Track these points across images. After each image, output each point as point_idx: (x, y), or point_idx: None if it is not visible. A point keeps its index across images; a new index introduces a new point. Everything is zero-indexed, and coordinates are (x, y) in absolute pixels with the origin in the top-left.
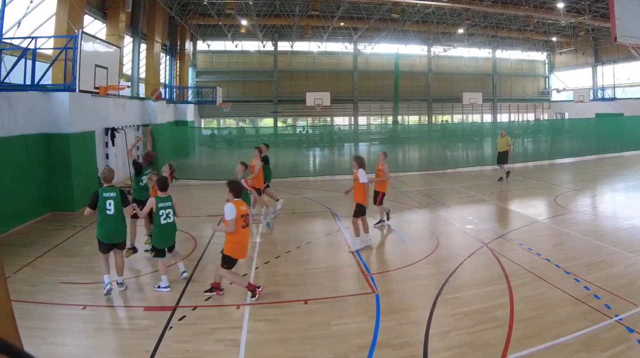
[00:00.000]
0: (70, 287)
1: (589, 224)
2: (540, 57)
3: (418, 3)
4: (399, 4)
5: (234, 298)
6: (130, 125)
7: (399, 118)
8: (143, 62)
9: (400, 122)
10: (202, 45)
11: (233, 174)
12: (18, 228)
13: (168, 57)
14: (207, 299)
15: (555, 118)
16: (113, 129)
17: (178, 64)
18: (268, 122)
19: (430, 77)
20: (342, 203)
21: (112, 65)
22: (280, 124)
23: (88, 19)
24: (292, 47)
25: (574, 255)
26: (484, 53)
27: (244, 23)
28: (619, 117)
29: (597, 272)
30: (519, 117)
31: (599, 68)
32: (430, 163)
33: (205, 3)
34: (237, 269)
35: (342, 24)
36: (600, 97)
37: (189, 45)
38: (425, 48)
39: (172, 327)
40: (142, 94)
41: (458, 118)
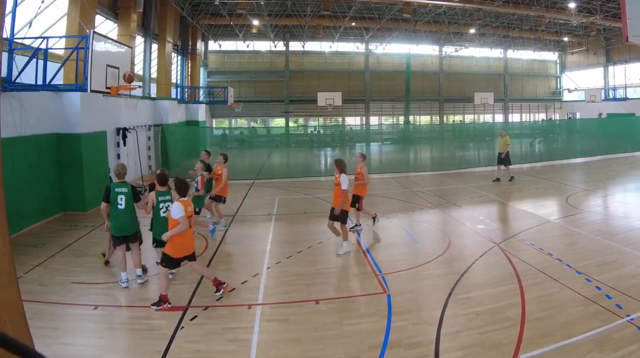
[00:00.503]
0: (82, 287)
1: (601, 224)
2: (552, 57)
3: (429, 3)
4: (411, 4)
5: (246, 298)
6: (142, 125)
7: (411, 118)
8: (155, 62)
9: (412, 122)
10: (213, 45)
11: (244, 174)
12: (29, 228)
13: (179, 57)
14: (218, 299)
15: (567, 118)
16: (124, 129)
17: (189, 64)
18: (279, 122)
19: (442, 77)
20: None
21: (123, 65)
22: (292, 124)
23: (99, 19)
24: (303, 47)
25: (586, 255)
26: (496, 53)
27: (256, 23)
28: (630, 117)
29: (608, 272)
30: (531, 117)
31: (611, 68)
32: (442, 163)
33: (217, 3)
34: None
35: (353, 24)
36: (612, 97)
37: (201, 45)
38: (437, 48)
39: (183, 327)
40: (153, 94)
41: (469, 118)
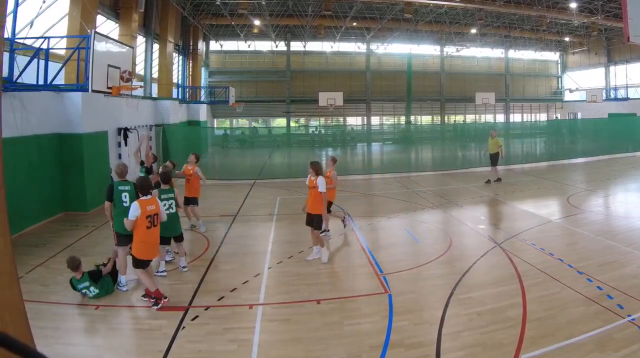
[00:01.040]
0: None
1: (602, 224)
2: (553, 57)
3: (431, 3)
4: (412, 4)
5: (247, 298)
6: (143, 125)
7: (412, 118)
8: (156, 62)
9: (413, 122)
10: (214, 45)
11: (245, 174)
12: (31, 228)
13: (181, 57)
14: (219, 299)
15: (568, 118)
16: (126, 129)
17: (191, 64)
18: (281, 122)
19: (443, 77)
20: (354, 203)
21: (124, 65)
22: (293, 124)
23: (101, 19)
24: (304, 47)
25: (587, 255)
26: (497, 53)
27: (257, 23)
28: (632, 117)
29: (609, 272)
30: (532, 117)
31: (612, 68)
32: (443, 163)
33: (218, 3)
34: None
35: (354, 24)
36: (613, 97)
37: (202, 45)
38: (438, 48)
39: (184, 327)
40: (154, 94)
41: (471, 118)
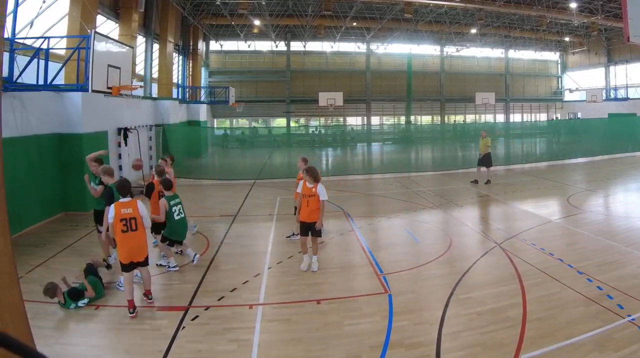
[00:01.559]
0: None
1: (602, 224)
2: (553, 57)
3: (431, 3)
4: (412, 4)
5: (247, 298)
6: (143, 125)
7: (412, 118)
8: (156, 62)
9: (413, 122)
10: (214, 45)
11: (245, 174)
12: (31, 228)
13: (181, 57)
14: (219, 299)
15: (568, 118)
16: (126, 129)
17: (191, 64)
18: (281, 122)
19: (443, 77)
20: (354, 203)
21: (124, 65)
22: (293, 124)
23: (101, 19)
24: (304, 47)
25: (587, 255)
26: (497, 53)
27: (257, 23)
28: (632, 117)
29: (609, 272)
30: (532, 117)
31: (612, 68)
32: (443, 163)
33: (218, 3)
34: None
35: (354, 24)
36: (613, 97)
37: (202, 45)
38: (438, 48)
39: (184, 327)
40: (154, 94)
41: (471, 118)
